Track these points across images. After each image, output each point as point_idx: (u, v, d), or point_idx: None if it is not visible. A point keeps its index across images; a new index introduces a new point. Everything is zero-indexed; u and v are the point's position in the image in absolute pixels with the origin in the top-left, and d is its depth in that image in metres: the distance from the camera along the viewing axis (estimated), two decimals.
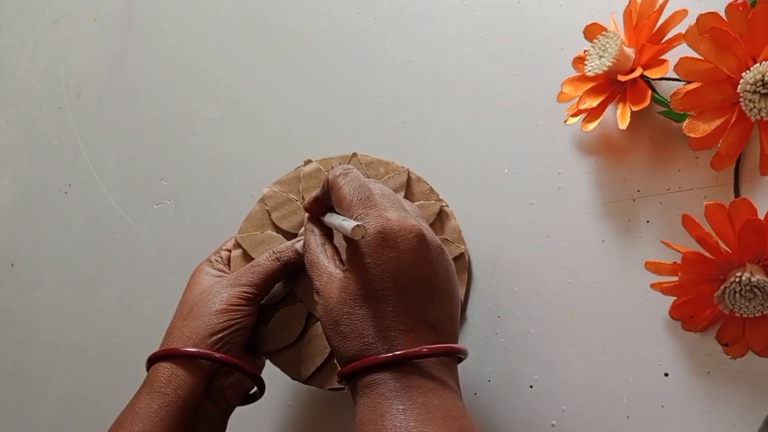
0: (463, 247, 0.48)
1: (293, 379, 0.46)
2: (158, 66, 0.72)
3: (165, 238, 0.65)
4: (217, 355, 0.41)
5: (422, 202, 0.48)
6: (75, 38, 0.79)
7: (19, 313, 0.72)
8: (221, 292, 0.43)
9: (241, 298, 0.43)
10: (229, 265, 0.49)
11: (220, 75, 0.67)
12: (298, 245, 0.46)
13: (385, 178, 0.49)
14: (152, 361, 0.43)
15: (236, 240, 0.50)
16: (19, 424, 0.69)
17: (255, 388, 0.46)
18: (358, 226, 0.35)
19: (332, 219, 0.40)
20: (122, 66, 0.74)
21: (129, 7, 0.76)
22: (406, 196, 0.48)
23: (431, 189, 0.49)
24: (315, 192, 0.43)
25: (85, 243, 0.70)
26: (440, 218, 0.48)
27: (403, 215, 0.37)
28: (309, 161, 0.50)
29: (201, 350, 0.41)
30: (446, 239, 0.48)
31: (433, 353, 0.35)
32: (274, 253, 0.45)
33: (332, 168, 0.41)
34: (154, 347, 0.64)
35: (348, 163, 0.49)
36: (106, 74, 0.75)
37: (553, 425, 0.45)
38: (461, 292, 0.47)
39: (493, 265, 0.49)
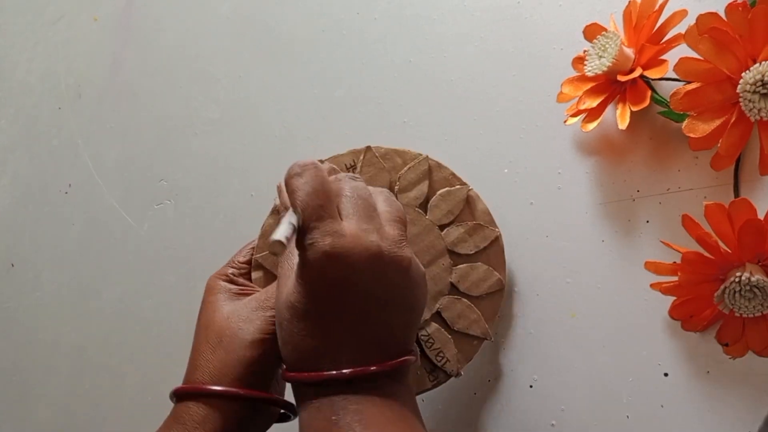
0: (497, 229, 0.46)
1: None
2: (158, 66, 0.72)
3: (165, 238, 0.65)
4: (255, 394, 0.38)
5: (447, 189, 0.46)
6: (75, 38, 0.79)
7: (18, 313, 0.72)
8: (252, 318, 0.39)
9: (273, 324, 0.39)
10: (248, 277, 0.45)
11: (220, 75, 0.67)
12: None
13: (405, 168, 0.47)
14: (181, 396, 0.39)
15: (256, 261, 0.46)
16: (19, 424, 0.69)
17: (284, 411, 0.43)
18: (274, 241, 0.30)
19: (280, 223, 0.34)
20: (122, 66, 0.74)
21: (129, 7, 0.76)
22: (428, 185, 0.47)
23: (453, 174, 0.47)
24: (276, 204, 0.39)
25: (85, 243, 0.70)
26: (468, 203, 0.46)
27: (364, 228, 0.33)
28: (321, 162, 0.48)
29: (239, 391, 0.38)
30: (479, 224, 0.46)
31: (372, 373, 0.33)
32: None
33: (292, 168, 0.35)
34: (154, 347, 0.64)
35: (362, 157, 0.47)
36: (106, 74, 0.75)
37: (552, 425, 0.45)
38: (503, 274, 0.46)
39: None
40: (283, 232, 0.31)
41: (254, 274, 0.46)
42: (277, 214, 0.47)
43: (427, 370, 0.45)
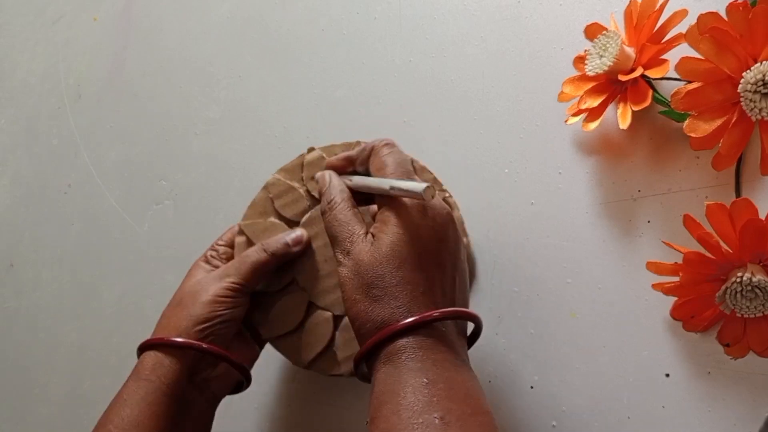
0: (466, 239, 0.48)
1: (294, 364, 0.47)
2: (158, 66, 0.72)
3: (165, 238, 0.65)
4: (203, 345, 0.42)
5: None
6: (75, 38, 0.79)
7: (18, 313, 0.72)
8: (210, 284, 0.44)
9: (228, 290, 0.44)
10: (224, 260, 0.49)
11: (220, 75, 0.67)
12: (288, 237, 0.46)
13: None
14: (142, 349, 0.44)
15: (240, 227, 0.50)
16: (19, 424, 0.69)
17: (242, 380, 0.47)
18: (429, 186, 0.34)
19: (375, 181, 0.39)
20: (122, 66, 0.74)
21: (129, 7, 0.76)
22: None
23: (434, 179, 0.48)
24: (347, 152, 0.43)
25: (84, 243, 0.70)
26: None
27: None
28: (312, 149, 0.50)
29: (186, 340, 0.42)
30: None
31: (464, 316, 0.37)
32: (262, 245, 0.46)
33: (375, 140, 0.41)
34: None
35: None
36: (106, 74, 0.75)
37: (553, 426, 0.45)
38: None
39: (493, 266, 0.49)
40: (413, 182, 0.36)
41: (237, 239, 0.49)
42: (265, 189, 0.50)
43: None
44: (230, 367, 0.45)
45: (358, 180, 0.41)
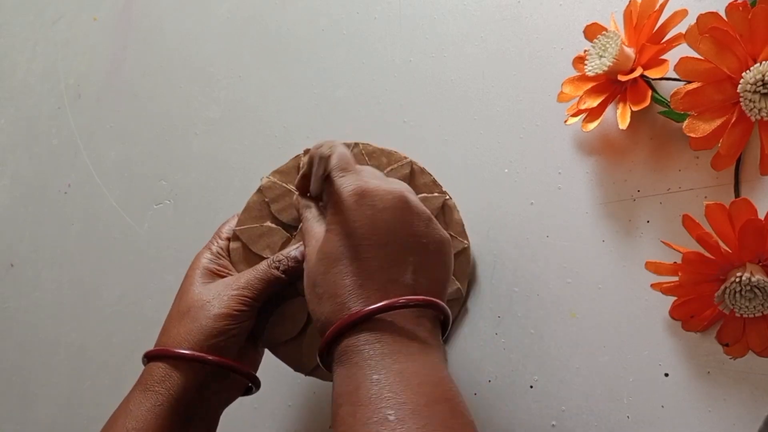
0: (466, 241, 0.47)
1: (296, 371, 0.46)
2: (158, 66, 0.72)
3: (165, 238, 0.65)
4: (211, 358, 0.41)
5: (425, 195, 0.47)
6: (75, 38, 0.79)
7: (18, 313, 0.72)
8: (221, 295, 0.43)
9: (240, 303, 0.43)
10: (229, 256, 0.48)
11: (219, 75, 0.67)
12: (297, 252, 0.45)
13: (388, 169, 0.47)
14: (148, 357, 0.43)
15: (235, 233, 0.48)
16: (19, 424, 0.69)
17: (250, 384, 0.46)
18: (320, 146, 0.36)
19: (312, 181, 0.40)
20: (122, 66, 0.74)
21: (129, 7, 0.76)
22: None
23: (434, 181, 0.48)
24: (302, 170, 0.43)
25: (84, 243, 0.70)
26: (443, 211, 0.47)
27: (385, 183, 0.38)
28: (308, 151, 0.48)
29: (196, 353, 0.41)
30: (450, 234, 0.47)
31: (403, 305, 0.35)
32: (273, 261, 0.45)
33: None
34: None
35: (350, 151, 0.49)
36: (105, 74, 0.75)
37: (553, 425, 0.45)
38: (463, 286, 0.48)
39: (493, 266, 0.49)
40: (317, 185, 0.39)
41: (233, 245, 0.48)
42: (260, 193, 0.49)
43: None
44: (237, 375, 0.44)
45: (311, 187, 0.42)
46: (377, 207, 0.36)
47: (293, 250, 0.45)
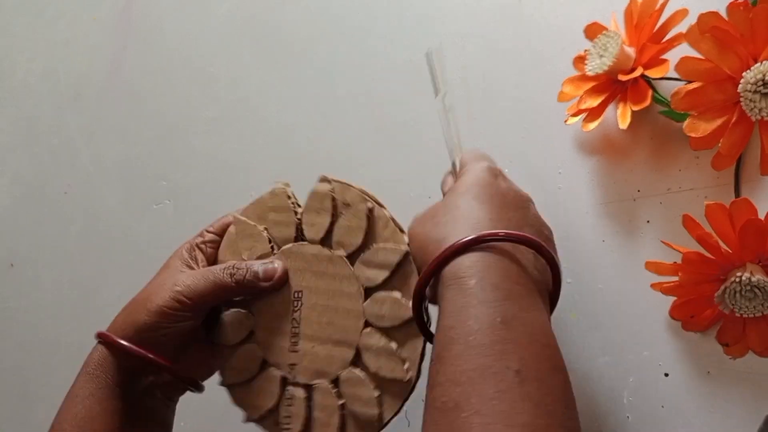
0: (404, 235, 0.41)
1: (246, 418, 0.44)
2: (158, 66, 0.72)
3: (164, 238, 0.65)
4: (136, 351, 0.40)
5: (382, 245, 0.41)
6: (75, 38, 0.79)
7: (18, 313, 0.72)
8: (163, 290, 0.41)
9: (175, 301, 0.41)
10: (209, 248, 0.46)
11: (219, 75, 0.67)
12: (259, 268, 0.42)
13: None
14: (97, 338, 0.43)
15: (234, 217, 0.46)
16: (19, 424, 0.69)
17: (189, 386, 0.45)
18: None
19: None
20: (122, 66, 0.74)
21: (128, 7, 0.76)
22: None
23: (363, 191, 0.42)
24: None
25: (84, 243, 0.70)
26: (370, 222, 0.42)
27: None
28: (325, 180, 0.43)
29: (125, 344, 0.40)
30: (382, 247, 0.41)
31: (534, 243, 0.34)
32: (231, 268, 0.42)
33: None
34: None
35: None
36: (105, 74, 0.75)
37: None
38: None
39: None
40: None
41: (230, 228, 0.46)
42: (271, 195, 0.45)
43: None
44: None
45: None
46: (512, 187, 0.39)
47: (258, 264, 0.42)
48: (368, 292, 0.41)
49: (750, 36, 0.37)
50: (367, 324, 0.41)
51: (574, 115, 0.46)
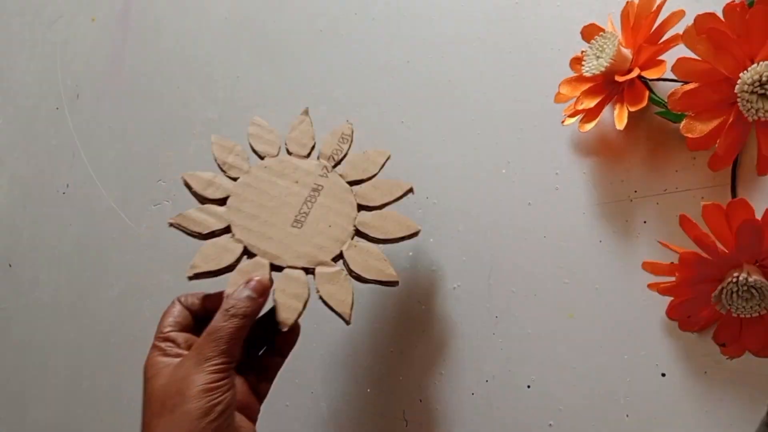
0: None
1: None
2: (156, 66, 0.72)
3: (163, 238, 0.65)
4: None
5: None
6: (73, 38, 0.79)
7: (16, 313, 0.72)
8: (190, 377, 0.37)
9: (217, 372, 0.38)
10: (185, 348, 0.42)
11: (218, 75, 0.67)
12: (248, 292, 0.41)
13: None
14: None
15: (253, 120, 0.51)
16: (17, 424, 0.69)
17: None
18: None
19: None
20: (120, 66, 0.74)
21: (127, 7, 0.76)
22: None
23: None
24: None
25: (82, 243, 0.70)
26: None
27: None
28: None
29: None
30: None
31: None
32: (227, 310, 0.40)
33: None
34: None
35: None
36: (104, 75, 0.75)
37: (550, 425, 0.45)
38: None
39: (490, 266, 0.49)
40: None
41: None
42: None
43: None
44: None
45: None
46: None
47: (242, 290, 0.41)
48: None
49: (746, 37, 0.37)
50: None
51: (571, 116, 0.46)
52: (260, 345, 0.45)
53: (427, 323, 0.50)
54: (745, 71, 0.37)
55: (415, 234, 0.45)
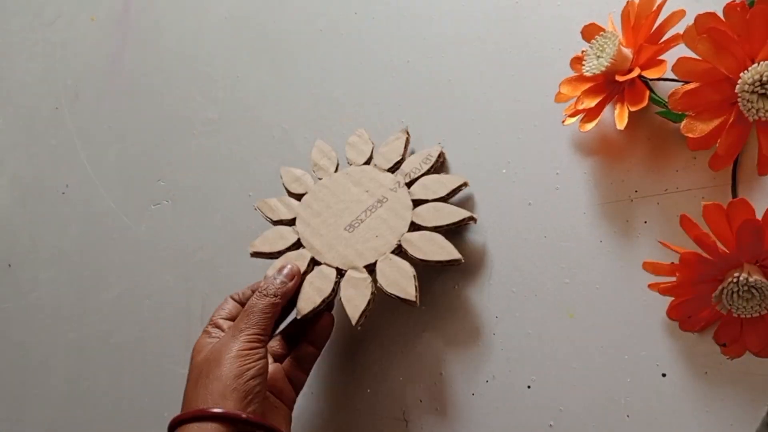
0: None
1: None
2: (156, 66, 0.72)
3: (162, 238, 0.65)
4: (243, 415, 0.40)
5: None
6: (73, 38, 0.79)
7: (16, 314, 0.72)
8: (226, 346, 0.43)
9: (249, 342, 0.43)
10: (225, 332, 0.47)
11: (218, 75, 0.67)
12: (281, 276, 0.47)
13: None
14: (175, 425, 0.41)
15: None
16: (17, 425, 0.68)
17: None
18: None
19: None
20: (120, 66, 0.74)
21: (127, 7, 0.76)
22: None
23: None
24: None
25: (82, 243, 0.70)
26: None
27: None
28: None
29: (227, 411, 0.40)
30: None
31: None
32: (260, 291, 0.45)
33: None
34: (152, 347, 0.63)
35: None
36: (104, 74, 0.75)
37: (550, 425, 0.45)
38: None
39: (490, 266, 0.49)
40: None
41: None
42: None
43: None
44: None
45: None
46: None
47: (276, 274, 0.47)
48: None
49: (747, 37, 0.37)
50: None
51: (572, 115, 0.46)
52: (296, 337, 0.49)
53: (427, 323, 0.50)
54: (745, 71, 0.37)
55: (456, 262, 0.45)
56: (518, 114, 0.51)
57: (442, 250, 0.46)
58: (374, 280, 0.46)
